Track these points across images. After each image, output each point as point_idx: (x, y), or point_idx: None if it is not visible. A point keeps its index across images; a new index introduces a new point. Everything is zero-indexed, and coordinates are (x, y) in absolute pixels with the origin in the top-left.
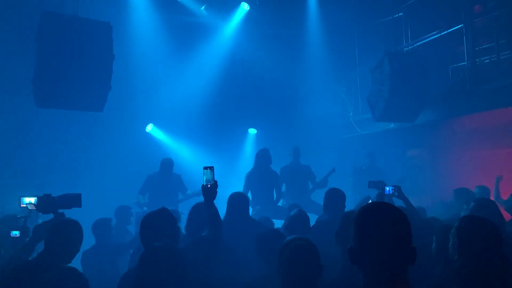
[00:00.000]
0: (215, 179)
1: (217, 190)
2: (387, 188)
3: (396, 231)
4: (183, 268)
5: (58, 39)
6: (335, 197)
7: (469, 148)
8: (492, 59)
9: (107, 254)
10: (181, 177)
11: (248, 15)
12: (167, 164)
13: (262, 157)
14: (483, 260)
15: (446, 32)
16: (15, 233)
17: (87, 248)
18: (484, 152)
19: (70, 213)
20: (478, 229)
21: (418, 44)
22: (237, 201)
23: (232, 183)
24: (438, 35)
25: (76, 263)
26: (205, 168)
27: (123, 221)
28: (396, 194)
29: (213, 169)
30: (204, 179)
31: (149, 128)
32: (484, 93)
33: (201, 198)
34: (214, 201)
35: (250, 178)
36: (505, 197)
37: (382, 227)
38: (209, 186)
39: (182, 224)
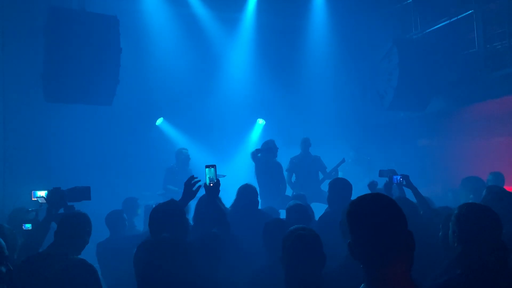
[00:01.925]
0: (217, 177)
1: (225, 182)
2: (395, 177)
3: (387, 219)
4: (189, 259)
5: (66, 34)
6: (340, 188)
7: (481, 136)
8: (504, 45)
9: (122, 245)
10: (192, 171)
11: (256, 7)
12: (186, 156)
13: (268, 149)
14: (482, 246)
15: (456, 18)
16: (27, 226)
17: (101, 241)
18: (497, 140)
19: (81, 206)
20: (476, 216)
21: (427, 31)
22: (246, 192)
23: (239, 174)
24: (448, 21)
25: (90, 255)
26: (207, 166)
27: (130, 213)
28: (405, 183)
29: (215, 167)
30: (207, 178)
31: (159, 122)
32: (496, 79)
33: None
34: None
35: (260, 171)
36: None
37: (372, 217)
38: (211, 185)
39: (191, 215)
